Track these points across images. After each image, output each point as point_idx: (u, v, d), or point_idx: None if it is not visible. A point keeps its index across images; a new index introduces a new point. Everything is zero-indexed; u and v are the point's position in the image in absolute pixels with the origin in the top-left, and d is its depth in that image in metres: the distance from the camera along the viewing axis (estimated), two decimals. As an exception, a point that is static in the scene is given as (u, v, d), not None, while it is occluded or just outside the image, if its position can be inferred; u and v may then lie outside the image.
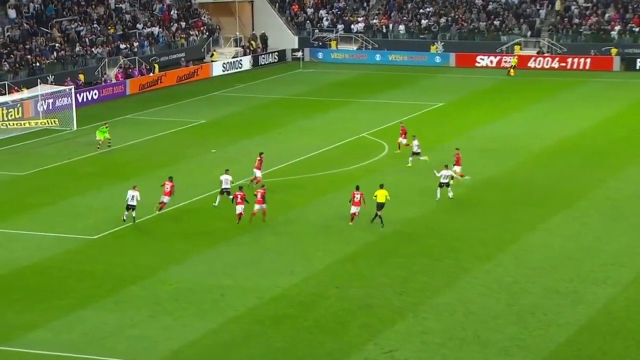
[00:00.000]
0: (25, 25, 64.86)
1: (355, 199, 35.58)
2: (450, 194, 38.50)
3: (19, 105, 55.17)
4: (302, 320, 27.37)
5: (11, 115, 54.41)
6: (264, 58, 76.74)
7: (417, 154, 43.51)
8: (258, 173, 40.36)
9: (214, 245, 33.77)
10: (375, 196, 36.15)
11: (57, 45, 64.45)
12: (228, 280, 30.37)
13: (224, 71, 72.62)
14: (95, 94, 61.77)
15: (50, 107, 55.97)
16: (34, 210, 38.03)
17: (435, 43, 76.46)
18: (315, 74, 72.55)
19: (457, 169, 40.06)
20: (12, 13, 65.57)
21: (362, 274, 30.84)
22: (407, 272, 30.94)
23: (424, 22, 78.44)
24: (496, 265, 31.62)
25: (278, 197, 39.43)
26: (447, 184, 38.38)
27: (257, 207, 35.82)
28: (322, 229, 35.56)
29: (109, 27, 69.90)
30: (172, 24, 74.90)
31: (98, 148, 47.75)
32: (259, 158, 40.60)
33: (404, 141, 45.10)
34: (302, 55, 76.98)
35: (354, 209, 35.61)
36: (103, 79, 64.38)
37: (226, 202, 37.36)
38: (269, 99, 62.63)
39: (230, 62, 73.72)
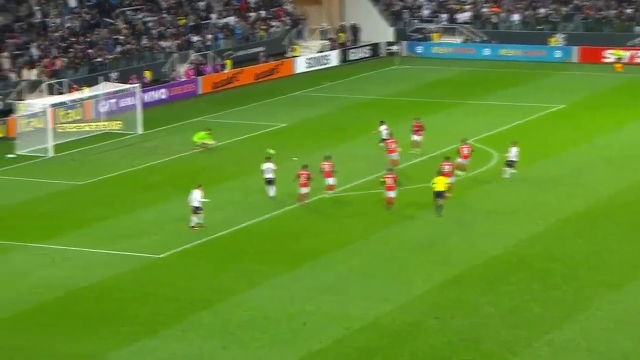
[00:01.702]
0: (86, 15, 66.41)
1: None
2: (507, 174, 41.95)
3: (78, 105, 56.55)
4: (397, 354, 27.31)
5: (70, 117, 55.80)
6: (354, 53, 77.02)
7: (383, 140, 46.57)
8: (394, 156, 43.99)
9: (295, 265, 33.98)
10: (434, 184, 37.60)
11: (121, 37, 65.80)
12: (311, 306, 30.51)
13: (308, 67, 73.13)
14: (163, 93, 62.90)
15: (113, 108, 57.19)
16: (93, 225, 38.88)
17: (555, 35, 75.54)
18: (413, 71, 72.41)
19: (464, 161, 42.54)
20: (72, 1, 67.21)
21: (466, 301, 30.64)
22: (519, 301, 30.61)
23: (542, 10, 77.60)
24: (625, 294, 31.03)
25: (370, 212, 39.48)
26: (514, 164, 42.24)
27: (390, 194, 38.31)
28: (420, 248, 35.49)
29: (180, 18, 71.12)
30: (250, 13, 75.78)
31: (194, 149, 49.55)
32: (392, 140, 44.18)
33: (418, 138, 47.41)
34: (399, 49, 77.00)
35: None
36: (172, 76, 65.53)
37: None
38: (360, 100, 62.74)
39: (316, 58, 74.21)
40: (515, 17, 77.77)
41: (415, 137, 47.75)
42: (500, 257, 34.47)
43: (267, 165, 40.76)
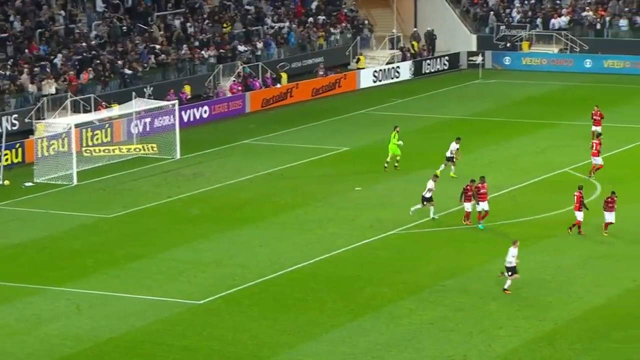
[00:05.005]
0: (117, 21, 67.34)
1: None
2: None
3: (107, 126, 57.28)
4: (477, 423, 27.27)
5: (97, 139, 56.51)
6: (429, 64, 77.19)
7: (451, 160, 48.89)
8: (598, 160, 47.61)
9: (359, 315, 34.03)
10: None
11: (157, 47, 66.63)
12: (376, 365, 30.60)
13: (375, 82, 73.41)
14: (205, 111, 63.52)
15: (147, 129, 57.81)
16: (123, 265, 39.31)
17: (670, 44, 75.09)
18: (499, 86, 72.27)
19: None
20: (100, 5, 68.17)
21: (561, 362, 30.54)
22: (625, 361, 30.47)
23: (654, 14, 77.11)
24: None
25: (445, 253, 39.50)
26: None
27: (579, 215, 40.65)
28: (507, 298, 35.36)
29: (225, 24, 71.81)
30: (307, 17, 76.24)
31: (385, 168, 50.31)
32: (597, 142, 47.87)
33: (598, 129, 51.71)
34: (483, 60, 76.89)
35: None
36: (215, 91, 66.19)
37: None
38: (436, 120, 62.74)
39: (384, 70, 74.47)
40: (623, 22, 77.22)
41: (596, 128, 51.97)
42: (603, 309, 34.22)
43: (430, 184, 42.96)
